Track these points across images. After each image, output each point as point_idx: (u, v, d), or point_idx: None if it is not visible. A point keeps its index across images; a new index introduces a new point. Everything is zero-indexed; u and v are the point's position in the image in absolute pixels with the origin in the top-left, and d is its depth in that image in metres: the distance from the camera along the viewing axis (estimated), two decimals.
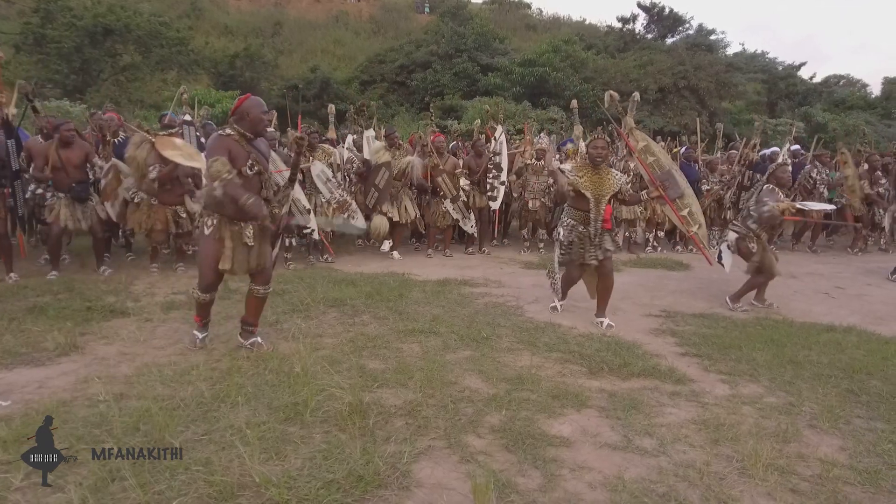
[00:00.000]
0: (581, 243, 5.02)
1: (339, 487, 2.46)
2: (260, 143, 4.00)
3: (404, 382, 3.59)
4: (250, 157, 3.83)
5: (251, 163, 3.83)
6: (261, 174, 3.92)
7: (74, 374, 3.68)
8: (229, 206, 3.79)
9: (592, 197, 4.88)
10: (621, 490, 2.55)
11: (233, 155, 3.76)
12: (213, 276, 4.01)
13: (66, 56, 19.10)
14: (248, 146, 3.85)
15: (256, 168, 3.87)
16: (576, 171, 4.95)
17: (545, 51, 24.55)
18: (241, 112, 3.86)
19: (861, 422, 3.32)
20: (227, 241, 3.88)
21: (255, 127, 3.86)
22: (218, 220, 3.89)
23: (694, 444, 2.99)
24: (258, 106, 3.88)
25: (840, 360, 4.25)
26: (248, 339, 4.18)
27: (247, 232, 3.90)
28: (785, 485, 2.63)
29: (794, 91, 30.66)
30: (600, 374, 3.92)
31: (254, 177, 3.88)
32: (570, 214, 5.07)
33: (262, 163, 3.94)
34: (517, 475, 2.65)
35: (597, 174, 4.92)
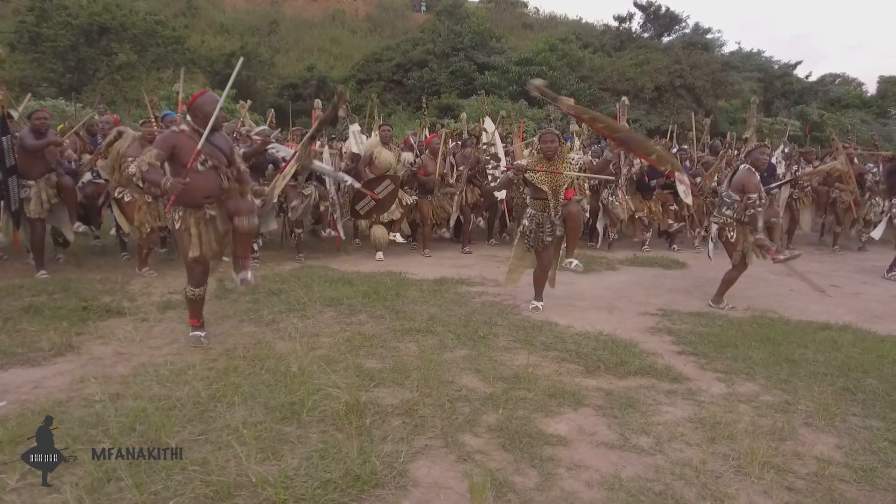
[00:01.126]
0: (540, 228, 5.24)
1: (335, 487, 2.46)
2: (217, 138, 4.09)
3: (401, 382, 3.58)
4: (202, 152, 3.89)
5: (204, 157, 3.90)
6: (217, 168, 3.99)
7: (70, 375, 3.67)
8: (153, 189, 4.09)
9: (549, 189, 5.15)
10: (618, 489, 2.55)
11: (179, 150, 3.87)
12: (196, 267, 4.07)
13: (61, 55, 19.08)
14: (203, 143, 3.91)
15: (211, 162, 3.95)
16: (533, 164, 5.24)
17: (542, 49, 24.60)
18: (194, 108, 3.97)
19: (857, 420, 3.33)
20: (193, 229, 3.98)
21: (206, 122, 3.93)
22: (183, 212, 3.99)
23: (690, 442, 3.00)
24: (210, 102, 3.97)
25: (836, 358, 4.26)
26: (238, 272, 4.27)
27: (210, 211, 4.02)
28: (781, 483, 2.64)
29: (790, 90, 30.77)
30: (597, 372, 3.92)
31: (209, 171, 3.95)
32: (532, 206, 5.35)
33: (218, 156, 4.01)
34: (514, 474, 2.65)
35: (552, 166, 5.18)
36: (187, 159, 3.85)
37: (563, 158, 5.26)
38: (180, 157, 3.88)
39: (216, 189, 3.98)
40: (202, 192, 3.95)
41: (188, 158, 3.84)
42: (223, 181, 4.02)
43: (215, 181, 3.98)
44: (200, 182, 3.91)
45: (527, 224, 5.35)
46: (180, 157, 3.88)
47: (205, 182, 3.93)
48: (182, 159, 3.87)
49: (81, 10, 19.66)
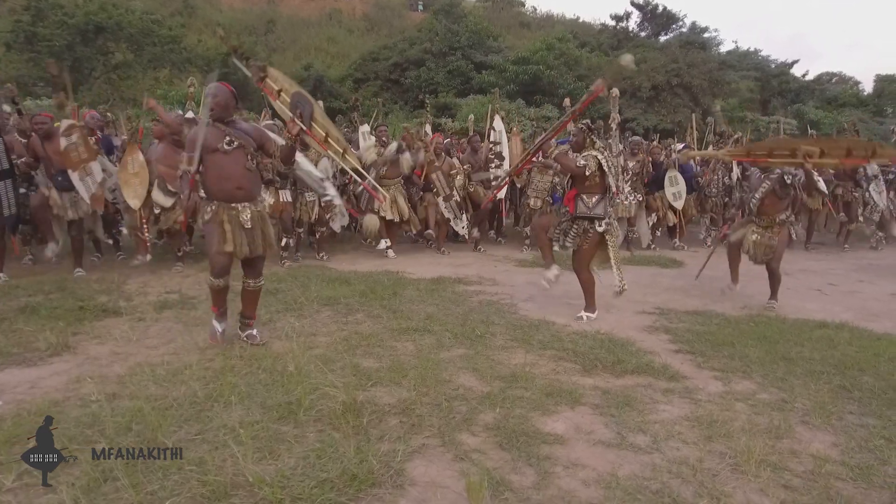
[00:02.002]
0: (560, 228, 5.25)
1: (332, 486, 2.45)
2: (242, 125, 4.24)
3: (398, 381, 3.58)
4: (226, 134, 4.02)
5: (228, 139, 4.01)
6: (243, 147, 4.08)
7: (66, 374, 3.66)
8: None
9: None
10: (615, 487, 2.55)
11: (206, 141, 3.98)
12: (221, 260, 4.08)
13: (57, 54, 18.99)
14: (226, 127, 4.05)
15: (237, 143, 4.04)
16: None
17: (539, 49, 24.53)
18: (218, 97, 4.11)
19: (853, 418, 3.33)
20: (226, 224, 4.03)
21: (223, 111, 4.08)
22: (217, 206, 4.06)
23: (687, 440, 3.00)
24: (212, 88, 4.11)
25: (832, 356, 4.26)
26: (245, 331, 4.30)
27: (244, 215, 4.07)
28: (777, 481, 2.64)
29: (787, 89, 30.77)
30: (594, 371, 3.92)
31: (235, 150, 4.04)
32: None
33: (244, 139, 4.09)
34: (511, 473, 2.65)
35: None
36: (213, 145, 3.99)
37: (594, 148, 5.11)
38: (207, 144, 4.00)
39: (241, 170, 4.05)
40: (227, 172, 4.03)
41: (213, 143, 3.99)
42: (248, 162, 4.09)
43: (241, 162, 4.06)
44: (226, 162, 4.02)
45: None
46: (207, 144, 4.00)
47: (230, 163, 4.02)
48: (209, 145, 4.00)
49: (77, 9, 19.60)
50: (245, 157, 4.09)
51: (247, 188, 4.11)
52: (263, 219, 4.22)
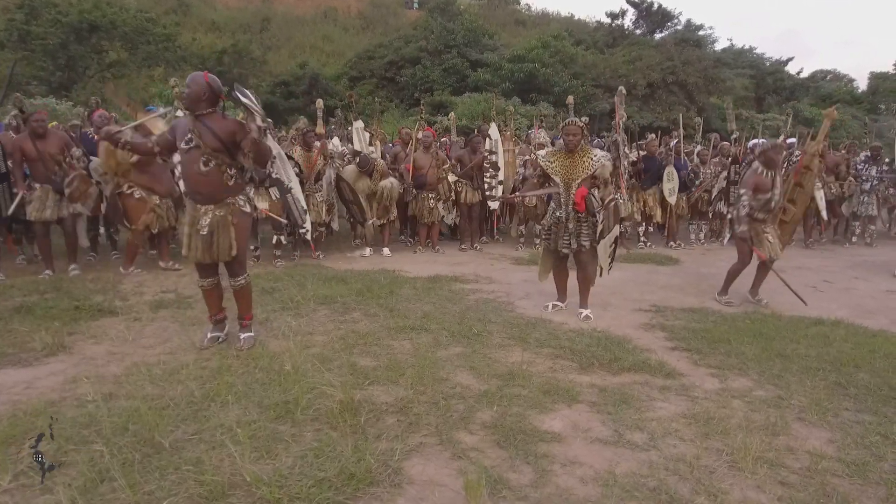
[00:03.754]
0: (557, 229, 5.12)
1: (330, 485, 2.45)
2: (216, 123, 3.85)
3: (395, 380, 3.58)
4: (189, 131, 3.84)
5: (188, 137, 3.83)
6: (199, 147, 3.81)
7: (62, 375, 3.65)
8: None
9: (562, 181, 5.01)
10: (612, 484, 2.56)
11: (176, 132, 3.93)
12: (198, 263, 4.06)
13: (51, 53, 18.94)
14: (195, 122, 3.85)
15: (194, 142, 3.82)
16: (548, 157, 5.14)
17: (534, 46, 24.56)
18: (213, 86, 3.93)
19: (849, 414, 3.35)
20: (186, 228, 3.97)
21: (190, 103, 3.87)
22: (189, 205, 4.01)
23: (684, 437, 3.01)
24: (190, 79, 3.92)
25: (828, 353, 4.28)
26: (241, 332, 4.23)
27: (203, 220, 3.90)
28: (774, 477, 2.65)
29: (782, 86, 30.90)
30: (591, 369, 3.93)
31: (192, 150, 3.83)
32: (553, 199, 5.24)
33: (206, 138, 3.81)
34: (509, 471, 2.66)
35: (569, 158, 5.02)
36: (179, 141, 3.90)
37: (585, 151, 5.04)
38: (176, 139, 3.93)
39: (194, 172, 3.85)
40: (185, 171, 3.94)
41: (180, 140, 3.89)
42: (200, 165, 3.83)
43: (196, 162, 3.83)
44: (185, 161, 3.93)
45: (546, 219, 5.29)
46: (176, 138, 3.93)
47: (187, 162, 3.89)
48: (177, 140, 3.93)
49: (71, 7, 19.48)
50: (199, 157, 3.82)
51: (203, 192, 3.89)
52: (224, 225, 3.92)
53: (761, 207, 5.64)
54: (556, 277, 5.42)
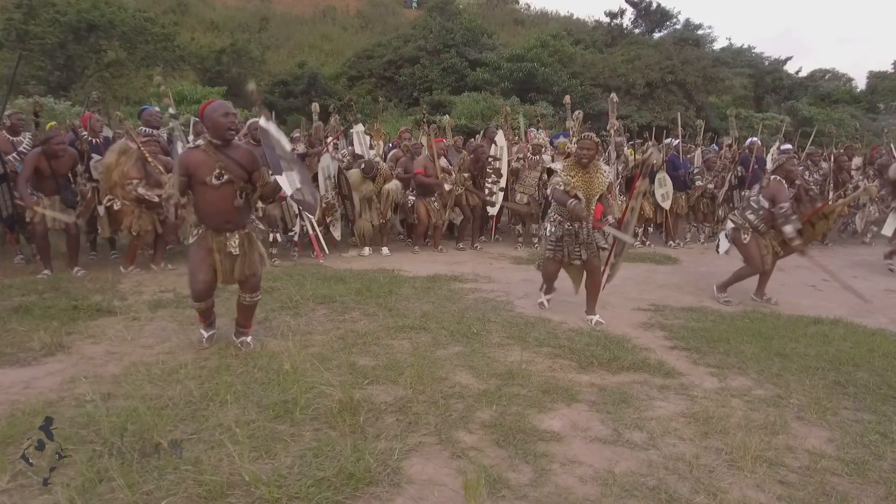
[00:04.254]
0: (569, 240, 4.97)
1: (329, 485, 2.45)
2: (235, 151, 3.83)
3: (395, 379, 3.57)
4: (217, 165, 3.72)
5: (218, 171, 3.72)
6: (232, 182, 3.78)
7: (61, 374, 3.64)
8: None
9: (584, 196, 4.81)
10: (612, 484, 2.56)
11: (193, 168, 3.73)
12: (200, 286, 3.91)
13: (49, 52, 18.86)
14: (217, 154, 3.75)
15: (226, 177, 3.74)
16: (567, 171, 4.91)
17: (533, 46, 24.52)
18: (204, 120, 3.80)
19: (848, 413, 3.35)
20: (215, 254, 3.85)
21: (217, 133, 3.74)
22: (203, 230, 3.86)
23: (683, 437, 3.01)
24: (217, 109, 3.76)
25: (827, 352, 4.28)
26: (239, 337, 4.18)
27: (232, 242, 3.87)
28: (773, 476, 2.65)
29: (781, 85, 30.84)
30: (590, 368, 3.93)
31: (223, 186, 3.75)
32: (558, 211, 5.02)
33: (235, 171, 3.78)
34: (508, 470, 2.66)
35: (587, 173, 4.85)
36: (202, 176, 3.71)
37: (598, 168, 4.93)
38: (196, 175, 3.73)
39: (229, 205, 3.80)
40: (215, 207, 3.79)
41: (203, 175, 3.71)
42: (236, 198, 3.82)
43: (229, 197, 3.79)
44: (214, 197, 3.76)
45: (551, 230, 5.06)
46: (196, 174, 3.73)
47: (218, 198, 3.77)
48: (198, 176, 3.73)
49: (70, 7, 19.39)
50: (234, 192, 3.80)
51: (235, 220, 3.88)
52: (251, 241, 3.98)
53: (768, 220, 5.63)
54: (571, 277, 5.37)
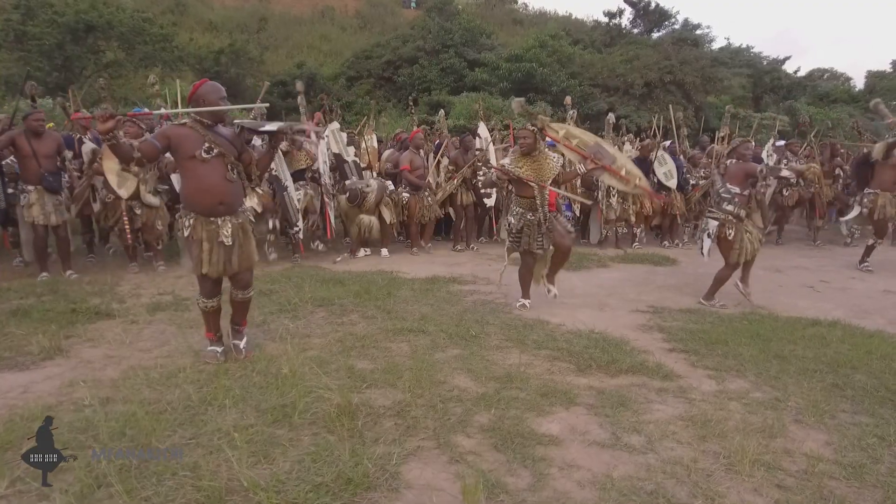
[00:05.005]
0: (529, 231, 5.19)
1: (328, 490, 2.45)
2: (222, 129, 3.80)
3: (393, 383, 3.57)
4: (205, 140, 3.65)
5: (207, 146, 3.64)
6: (223, 156, 3.71)
7: (59, 378, 3.64)
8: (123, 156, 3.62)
9: (536, 185, 5.09)
10: (610, 488, 2.56)
11: (178, 141, 3.64)
12: (207, 280, 3.81)
13: (47, 53, 18.83)
14: (205, 131, 3.68)
15: (216, 150, 3.67)
16: (515, 163, 5.22)
17: (532, 46, 24.51)
18: (196, 98, 3.72)
19: (846, 416, 3.35)
20: (205, 243, 3.70)
21: (211, 114, 3.71)
22: (194, 220, 3.72)
23: (681, 440, 3.01)
24: (214, 91, 3.72)
25: (825, 354, 4.28)
26: (234, 338, 4.08)
27: (224, 230, 3.73)
28: (771, 480, 2.65)
29: (779, 85, 30.86)
30: (588, 371, 3.93)
31: (214, 160, 3.68)
32: (517, 203, 5.31)
33: (225, 146, 3.73)
34: (506, 475, 2.66)
35: (535, 161, 5.14)
36: (190, 151, 3.63)
37: (545, 155, 5.22)
38: (182, 149, 3.65)
39: (221, 181, 3.71)
40: (206, 182, 3.68)
41: (190, 149, 3.63)
42: (228, 172, 3.74)
43: (220, 171, 3.70)
44: (204, 173, 3.67)
45: (513, 222, 5.29)
46: (181, 148, 3.65)
47: (209, 173, 3.67)
48: (184, 151, 3.65)
49: (68, 7, 19.36)
50: (225, 166, 3.72)
51: (228, 202, 3.77)
52: (245, 232, 3.87)
53: (743, 204, 5.68)
54: (523, 277, 5.50)
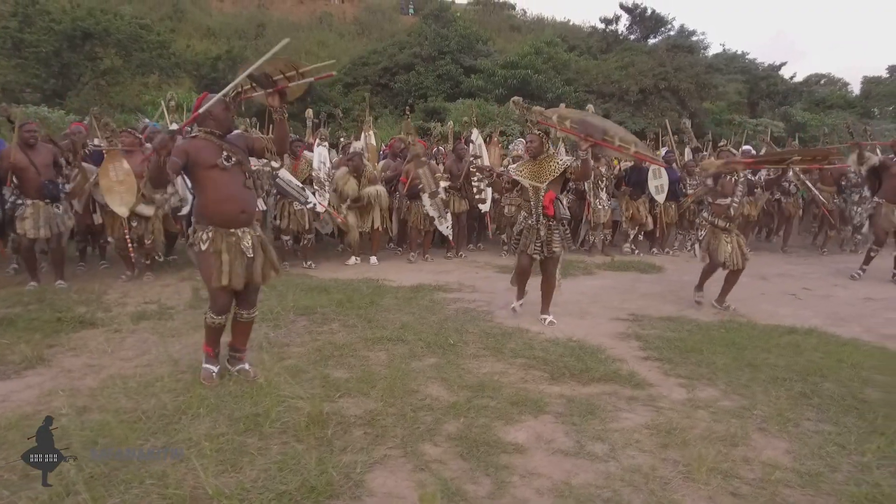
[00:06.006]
0: (528, 233, 5.24)
1: (291, 498, 2.51)
2: (234, 139, 3.81)
3: (366, 392, 3.63)
4: (223, 149, 3.65)
5: (226, 154, 3.64)
6: (241, 164, 3.72)
7: (39, 388, 3.69)
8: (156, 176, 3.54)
9: (530, 185, 5.16)
10: (567, 495, 2.62)
11: (195, 155, 3.60)
12: (223, 295, 3.70)
13: (44, 60, 18.95)
14: (220, 141, 3.69)
15: (235, 159, 3.67)
16: (518, 167, 5.35)
17: (527, 53, 24.61)
18: (203, 114, 3.68)
19: (810, 424, 3.40)
20: (224, 255, 3.62)
21: (220, 124, 3.71)
22: (213, 233, 3.65)
23: (644, 448, 3.06)
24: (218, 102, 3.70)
25: (797, 362, 4.34)
26: (236, 365, 3.93)
27: (245, 242, 3.69)
28: (726, 488, 2.70)
29: (775, 91, 30.94)
30: (561, 379, 3.98)
31: (233, 168, 3.67)
32: (521, 206, 5.39)
33: (241, 154, 3.74)
34: (468, 483, 2.71)
35: (536, 164, 5.21)
36: (210, 161, 3.60)
37: (551, 157, 5.23)
38: (201, 160, 3.61)
39: (241, 189, 3.71)
40: (228, 191, 3.65)
41: (210, 159, 3.60)
42: (246, 179, 3.75)
43: (239, 180, 3.71)
44: (226, 180, 3.64)
45: (517, 225, 5.40)
46: (200, 159, 3.61)
47: (230, 182, 3.66)
48: (203, 161, 3.61)
49: (65, 15, 19.50)
50: (243, 174, 3.73)
51: (249, 210, 3.76)
52: (264, 244, 3.85)
53: (721, 214, 5.78)
54: (517, 279, 5.55)
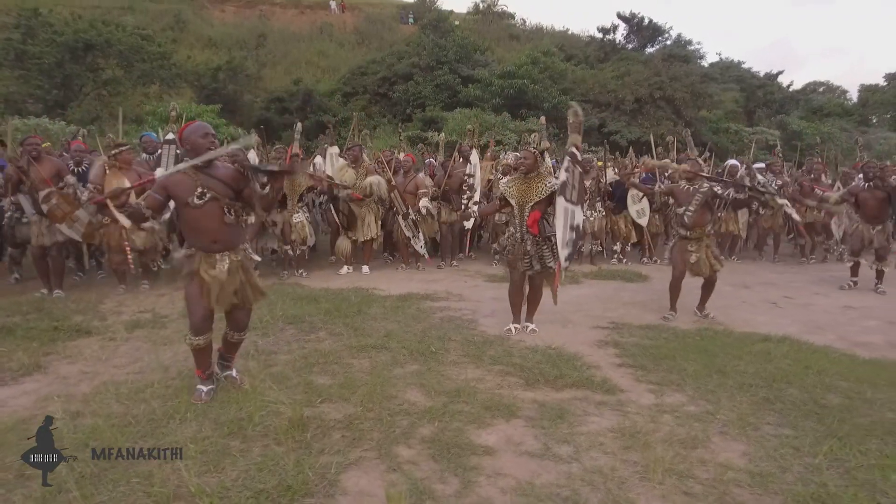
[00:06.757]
0: (513, 247, 5.36)
1: (268, 496, 2.68)
2: (217, 169, 3.73)
3: (347, 397, 3.80)
4: (198, 185, 3.62)
5: (200, 191, 3.60)
6: (217, 200, 3.66)
7: (35, 394, 3.88)
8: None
9: (516, 204, 5.29)
10: (529, 494, 2.78)
11: (172, 191, 3.65)
12: (200, 314, 3.69)
13: (47, 71, 19.28)
14: (198, 175, 3.64)
15: (209, 195, 3.63)
16: (508, 183, 5.48)
17: (524, 63, 24.88)
18: (184, 143, 3.75)
19: (770, 428, 3.55)
20: (204, 275, 3.67)
21: (197, 153, 3.66)
22: (194, 254, 3.73)
23: (607, 450, 3.22)
24: (196, 131, 3.73)
25: (766, 369, 4.48)
26: (224, 371, 4.06)
27: (221, 265, 3.70)
28: (680, 487, 2.86)
29: (772, 99, 31.21)
30: (536, 385, 4.14)
31: (208, 204, 3.63)
32: (509, 221, 5.59)
33: (219, 189, 3.66)
34: (437, 482, 2.88)
35: (525, 183, 5.28)
36: (184, 197, 3.61)
37: (541, 178, 5.24)
38: (177, 196, 3.64)
39: (219, 223, 3.68)
40: (200, 225, 3.67)
41: (185, 196, 3.61)
42: (226, 215, 3.70)
43: (216, 215, 3.67)
44: (198, 217, 3.64)
45: (505, 238, 5.53)
46: (177, 196, 3.64)
47: (204, 217, 3.64)
48: (179, 198, 3.63)
49: (67, 27, 19.87)
50: (221, 209, 3.67)
51: (223, 240, 3.72)
52: (245, 269, 3.83)
53: (679, 222, 6.04)
54: (511, 298, 5.56)
